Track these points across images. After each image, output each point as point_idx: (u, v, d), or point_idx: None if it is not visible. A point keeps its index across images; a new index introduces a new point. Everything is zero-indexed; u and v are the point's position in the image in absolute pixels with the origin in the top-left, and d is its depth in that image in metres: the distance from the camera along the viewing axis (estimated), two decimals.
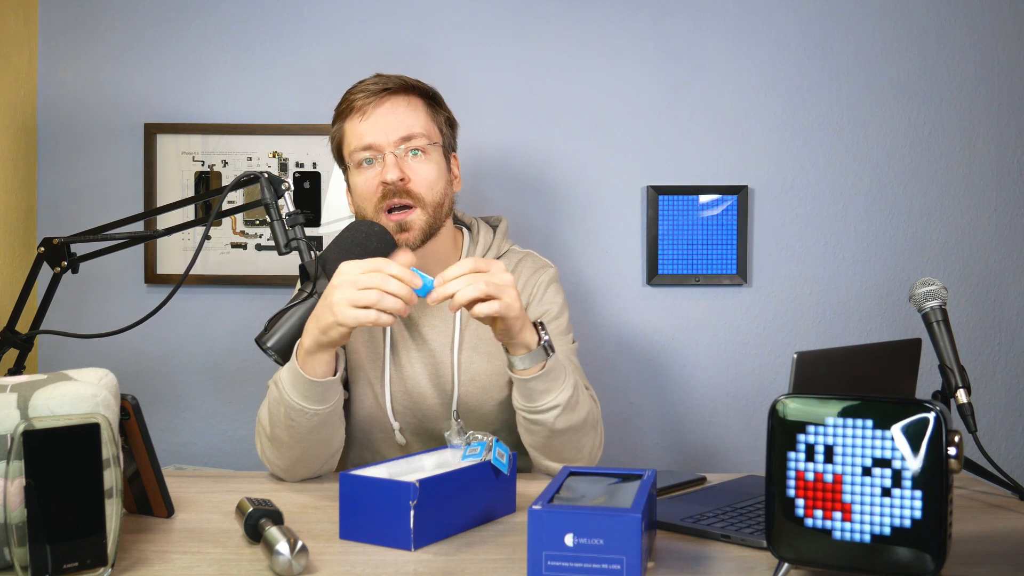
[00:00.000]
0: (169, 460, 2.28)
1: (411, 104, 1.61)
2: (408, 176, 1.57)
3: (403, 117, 1.59)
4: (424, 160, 1.59)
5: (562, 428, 1.47)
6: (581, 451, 1.53)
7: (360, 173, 1.59)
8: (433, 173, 1.60)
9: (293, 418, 1.41)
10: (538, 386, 1.43)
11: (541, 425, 1.47)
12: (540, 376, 1.43)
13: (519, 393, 1.47)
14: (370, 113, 1.59)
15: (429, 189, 1.58)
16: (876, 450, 0.95)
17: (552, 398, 1.44)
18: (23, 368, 1.72)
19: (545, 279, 1.71)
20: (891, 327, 2.31)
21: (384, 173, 1.56)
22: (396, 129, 1.57)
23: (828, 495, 0.97)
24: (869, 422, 0.95)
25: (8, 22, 2.18)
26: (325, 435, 1.45)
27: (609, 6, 2.30)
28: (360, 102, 1.60)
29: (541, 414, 1.46)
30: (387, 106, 1.59)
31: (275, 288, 2.30)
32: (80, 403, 1.06)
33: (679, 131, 2.31)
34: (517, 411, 1.50)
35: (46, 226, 2.30)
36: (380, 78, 1.64)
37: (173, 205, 1.62)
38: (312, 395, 1.39)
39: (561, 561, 1.00)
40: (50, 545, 0.98)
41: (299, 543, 1.04)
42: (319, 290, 1.40)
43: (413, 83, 1.64)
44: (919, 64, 2.31)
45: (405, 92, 1.62)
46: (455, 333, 1.63)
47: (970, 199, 2.32)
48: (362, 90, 1.61)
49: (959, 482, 1.51)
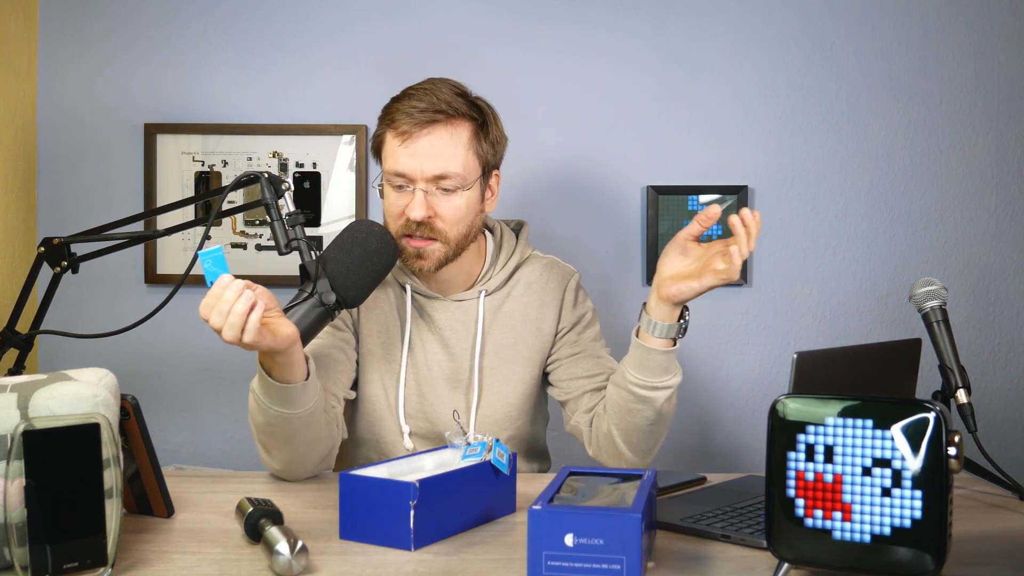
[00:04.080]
0: (169, 460, 2.28)
1: (455, 136, 1.55)
2: (435, 212, 1.55)
3: (442, 152, 1.53)
4: (454, 197, 1.56)
5: (666, 412, 1.49)
6: (658, 444, 1.55)
7: (391, 191, 1.58)
8: (460, 211, 1.56)
9: (273, 423, 1.40)
10: (663, 362, 1.44)
11: (648, 404, 1.47)
12: (669, 352, 1.44)
13: (638, 367, 1.46)
14: (410, 142, 1.53)
15: (454, 226, 1.56)
16: (876, 450, 0.95)
17: (669, 378, 1.46)
18: (23, 368, 1.72)
19: (574, 285, 1.71)
20: (891, 327, 2.31)
21: (411, 210, 1.53)
22: (432, 166, 1.53)
23: (828, 495, 0.97)
24: (869, 422, 0.95)
25: (8, 22, 2.18)
26: (311, 435, 1.44)
27: (609, 6, 2.30)
28: (404, 127, 1.53)
29: (654, 391, 1.46)
30: (428, 139, 1.53)
31: (275, 288, 2.29)
32: (80, 403, 1.06)
33: (679, 131, 2.31)
34: (624, 389, 1.48)
35: (46, 226, 2.30)
36: (429, 98, 1.54)
37: (173, 205, 1.62)
38: (284, 399, 1.37)
39: (561, 561, 1.00)
40: (50, 545, 0.98)
41: (299, 543, 1.04)
42: (319, 290, 1.39)
43: (463, 107, 1.56)
44: (919, 64, 2.31)
45: (451, 120, 1.54)
46: (477, 337, 1.63)
47: (970, 199, 2.32)
48: (408, 112, 1.54)
49: (959, 482, 1.51)
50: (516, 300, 1.67)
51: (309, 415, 1.40)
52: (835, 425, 0.97)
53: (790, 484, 0.98)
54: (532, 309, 1.67)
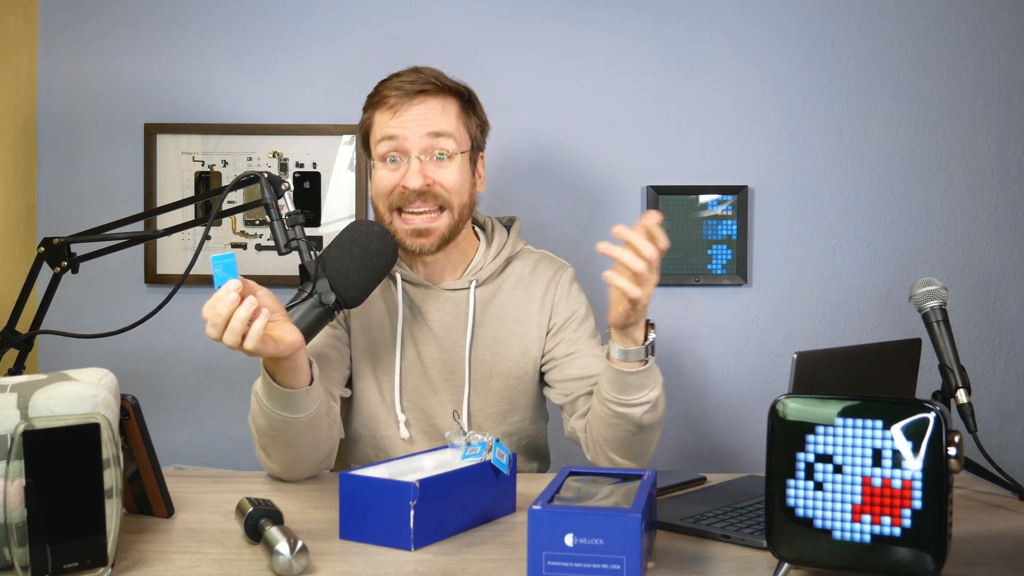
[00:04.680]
0: (169, 460, 2.28)
1: (445, 107, 1.58)
2: (432, 179, 1.55)
3: (434, 115, 1.56)
4: (449, 164, 1.57)
5: (647, 424, 1.47)
6: (650, 448, 1.53)
7: (381, 168, 1.58)
8: (458, 177, 1.58)
9: (275, 427, 1.39)
10: (636, 381, 1.42)
11: (627, 419, 1.45)
12: (642, 372, 1.42)
13: (612, 385, 1.44)
14: (401, 112, 1.55)
15: (455, 193, 1.57)
16: (876, 450, 0.95)
17: (645, 394, 1.44)
18: (23, 368, 1.72)
19: (566, 280, 1.70)
20: (891, 327, 2.31)
21: (407, 178, 1.54)
22: (423, 128, 1.55)
23: (829, 495, 0.97)
24: (869, 422, 0.95)
25: (8, 22, 2.18)
26: (312, 439, 1.44)
27: (609, 6, 2.30)
28: (393, 100, 1.56)
29: (631, 407, 1.44)
30: (420, 108, 1.56)
31: (275, 288, 2.28)
32: (80, 403, 1.06)
33: (679, 131, 2.31)
34: (603, 403, 1.47)
35: (46, 226, 2.30)
36: (417, 75, 1.59)
37: (173, 205, 1.62)
38: (288, 404, 1.37)
39: (561, 561, 1.00)
40: (50, 545, 0.98)
41: (299, 543, 1.04)
42: (319, 290, 1.39)
43: (450, 83, 1.60)
44: (919, 64, 2.31)
45: (440, 93, 1.58)
46: (467, 330, 1.63)
47: (970, 199, 2.32)
48: (397, 87, 1.57)
49: (959, 482, 1.51)
50: (507, 294, 1.67)
51: (311, 419, 1.40)
52: (835, 425, 0.97)
53: (790, 484, 0.98)
54: (524, 303, 1.67)
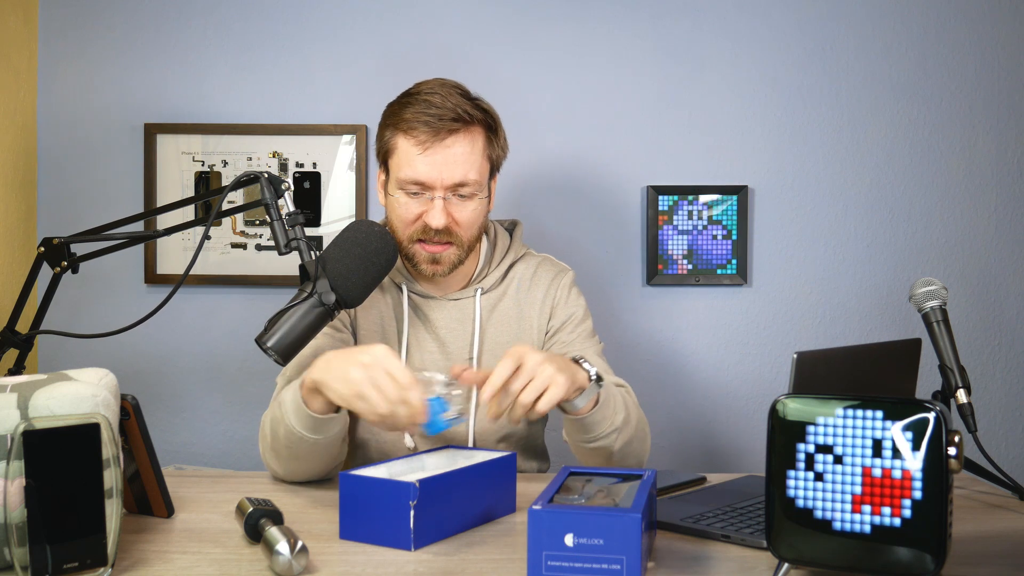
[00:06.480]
0: (169, 460, 2.28)
1: (473, 143, 1.56)
2: (453, 219, 1.56)
3: (463, 161, 1.54)
4: (470, 203, 1.57)
5: (624, 443, 1.47)
6: (640, 456, 1.54)
7: (404, 196, 1.57)
8: (477, 215, 1.59)
9: (293, 442, 1.40)
10: (595, 418, 1.43)
11: (602, 449, 1.46)
12: (595, 410, 1.41)
13: (575, 429, 1.45)
14: (431, 151, 1.53)
15: (468, 229, 1.58)
16: (876, 450, 0.95)
17: (608, 424, 1.44)
18: (23, 368, 1.72)
19: (566, 283, 1.71)
20: (891, 327, 2.31)
21: (432, 218, 1.54)
22: (452, 174, 1.53)
23: (828, 495, 0.97)
24: (869, 412, 0.95)
25: (8, 22, 2.18)
26: (326, 455, 1.44)
27: (609, 6, 2.30)
28: (423, 135, 1.53)
29: (601, 441, 1.45)
30: (450, 149, 1.53)
31: (275, 288, 2.30)
32: (80, 403, 1.06)
33: (679, 131, 2.31)
34: (574, 443, 1.49)
35: (46, 226, 2.30)
36: (446, 104, 1.53)
37: (173, 205, 1.62)
38: (314, 426, 1.37)
39: (561, 561, 1.00)
40: (50, 545, 0.98)
41: (299, 543, 1.04)
42: (319, 290, 1.39)
43: (476, 113, 1.57)
44: (919, 64, 2.31)
45: (468, 126, 1.55)
46: (474, 336, 1.63)
47: (970, 199, 2.32)
48: (427, 120, 1.53)
49: (959, 482, 1.51)
50: (511, 298, 1.68)
51: (331, 440, 1.41)
52: (835, 425, 0.97)
53: (790, 484, 0.98)
54: (525, 306, 1.68)
